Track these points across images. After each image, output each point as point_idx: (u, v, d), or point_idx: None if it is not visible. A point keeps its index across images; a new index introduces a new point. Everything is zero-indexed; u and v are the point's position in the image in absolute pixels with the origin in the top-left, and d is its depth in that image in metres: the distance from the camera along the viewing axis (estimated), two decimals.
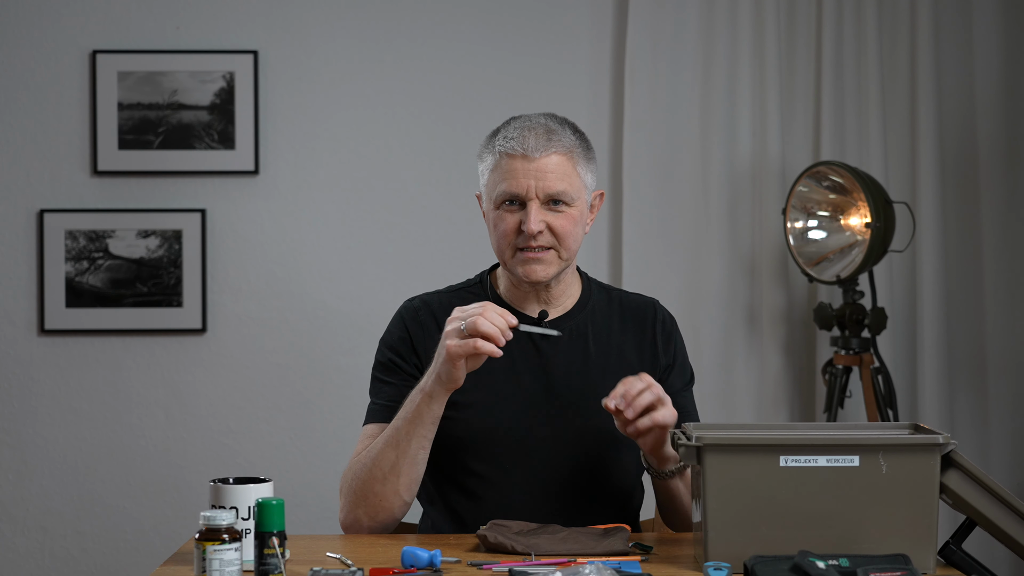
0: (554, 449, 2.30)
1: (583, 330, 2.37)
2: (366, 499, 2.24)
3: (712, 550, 1.93)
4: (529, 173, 2.26)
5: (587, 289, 2.42)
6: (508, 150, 2.27)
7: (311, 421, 3.78)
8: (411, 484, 2.24)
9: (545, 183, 2.26)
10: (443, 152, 3.81)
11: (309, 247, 3.80)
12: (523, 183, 2.26)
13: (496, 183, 2.29)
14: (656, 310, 2.44)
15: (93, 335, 3.76)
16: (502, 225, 2.28)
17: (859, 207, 3.51)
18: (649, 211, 3.75)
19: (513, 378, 2.32)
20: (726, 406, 3.74)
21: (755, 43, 3.75)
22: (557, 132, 2.29)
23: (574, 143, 2.30)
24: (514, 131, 2.29)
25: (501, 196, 2.28)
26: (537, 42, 3.82)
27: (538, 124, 2.29)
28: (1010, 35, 3.80)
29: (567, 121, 2.34)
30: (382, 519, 2.26)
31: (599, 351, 2.36)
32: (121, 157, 3.74)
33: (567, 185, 2.27)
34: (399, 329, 2.38)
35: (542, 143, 2.26)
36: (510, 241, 2.28)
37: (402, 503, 2.25)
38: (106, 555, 3.75)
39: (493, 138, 2.32)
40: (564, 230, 2.28)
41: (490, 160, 2.31)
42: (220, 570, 1.84)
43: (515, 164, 2.26)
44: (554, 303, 2.37)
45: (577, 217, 2.29)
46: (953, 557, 1.96)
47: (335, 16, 3.80)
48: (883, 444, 1.93)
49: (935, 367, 3.69)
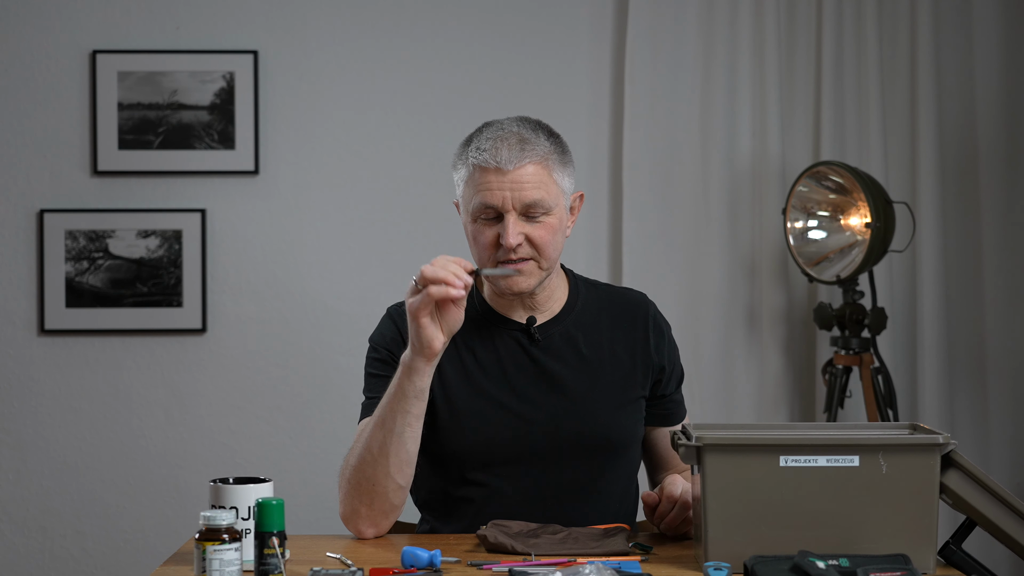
0: (551, 454, 2.29)
1: (573, 333, 2.35)
2: (360, 486, 2.19)
3: (712, 550, 1.93)
4: (504, 185, 2.22)
5: (574, 290, 2.40)
6: (481, 163, 2.23)
7: (311, 421, 3.78)
8: (401, 465, 2.18)
9: (521, 194, 2.22)
10: (443, 152, 3.78)
11: (309, 247, 3.80)
12: (498, 195, 2.22)
13: (471, 195, 2.25)
14: (648, 307, 2.42)
15: (93, 335, 3.76)
16: (481, 238, 2.26)
17: (859, 207, 3.51)
18: (649, 211, 3.75)
19: (508, 386, 2.30)
20: (726, 406, 3.74)
21: (755, 43, 3.75)
22: (530, 141, 2.24)
23: (548, 150, 2.26)
24: (487, 142, 2.25)
25: (477, 209, 2.25)
26: (537, 42, 3.82)
27: (511, 133, 2.25)
28: (1010, 35, 3.80)
29: (540, 125, 2.30)
30: (378, 506, 2.19)
31: (592, 352, 2.34)
32: (121, 157, 3.74)
33: (544, 194, 2.24)
34: (390, 329, 2.36)
35: (515, 154, 2.22)
36: (490, 255, 2.26)
37: (396, 486, 2.18)
38: (106, 555, 3.75)
39: (466, 148, 2.28)
40: (543, 240, 2.24)
41: (463, 172, 2.28)
42: (220, 570, 1.84)
43: (489, 177, 2.23)
44: (540, 308, 2.35)
45: (556, 225, 2.26)
46: (953, 557, 1.96)
47: (335, 16, 3.80)
48: (883, 444, 1.93)
49: (935, 367, 3.69)
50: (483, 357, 2.31)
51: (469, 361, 2.31)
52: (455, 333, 2.17)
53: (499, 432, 2.28)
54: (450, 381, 2.30)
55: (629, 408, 2.35)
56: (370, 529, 2.22)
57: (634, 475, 2.41)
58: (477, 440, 2.28)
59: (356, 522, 2.22)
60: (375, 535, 2.23)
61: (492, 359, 2.31)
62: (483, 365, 2.31)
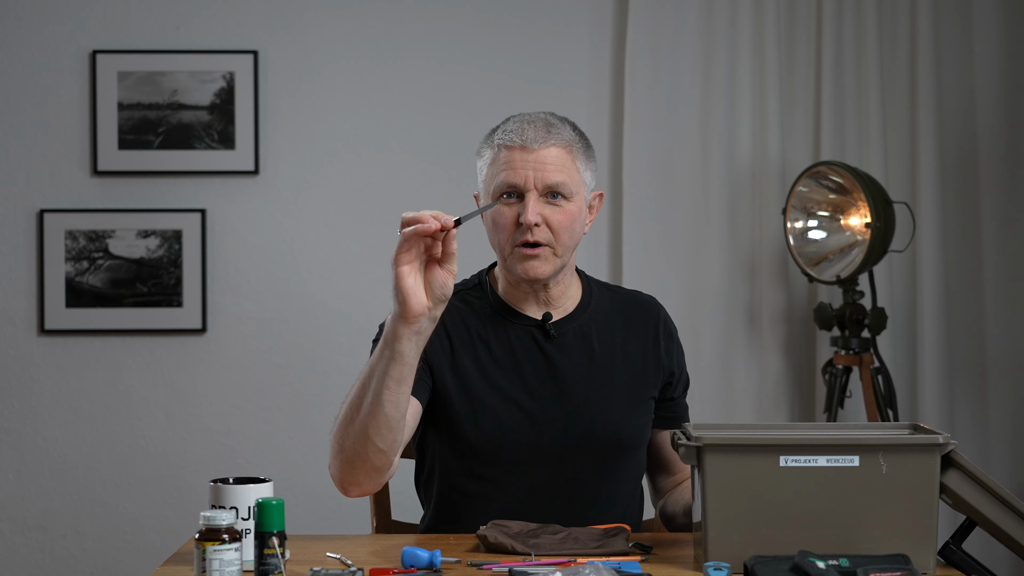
0: (561, 452, 2.30)
1: (587, 331, 2.36)
2: (342, 445, 2.11)
3: (712, 550, 1.93)
4: (528, 164, 2.25)
5: (588, 289, 2.41)
6: (507, 142, 2.27)
7: (311, 421, 3.78)
8: (380, 428, 2.06)
9: (544, 173, 2.25)
10: (443, 152, 3.81)
11: (309, 247, 3.80)
12: (521, 173, 2.25)
13: (494, 175, 2.28)
14: (659, 310, 2.44)
15: (93, 335, 3.77)
16: (501, 219, 2.27)
17: (859, 207, 3.51)
18: (649, 211, 3.75)
19: (520, 382, 2.31)
20: (726, 406, 3.74)
21: (755, 43, 3.75)
22: (556, 126, 2.29)
23: (573, 138, 2.30)
24: (513, 124, 2.30)
25: (499, 187, 2.27)
26: (537, 42, 3.82)
27: (537, 118, 2.30)
28: (1010, 35, 3.81)
29: (567, 120, 2.35)
30: (359, 466, 2.10)
31: (604, 351, 2.35)
32: (121, 157, 3.74)
33: (566, 177, 2.26)
34: None
35: (541, 135, 2.26)
36: (509, 235, 2.26)
37: (376, 449, 2.08)
38: (106, 555, 3.75)
39: (492, 134, 2.33)
40: (561, 225, 2.26)
41: (488, 154, 2.31)
42: (220, 570, 1.84)
43: (514, 155, 2.26)
44: (555, 304, 2.35)
45: (575, 213, 2.28)
46: (953, 557, 1.96)
47: (335, 16, 3.80)
48: (883, 444, 1.93)
49: (935, 367, 3.69)
50: (497, 351, 2.32)
51: (484, 355, 2.31)
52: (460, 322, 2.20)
53: (510, 428, 2.28)
54: (467, 373, 2.30)
55: (640, 409, 2.35)
56: (354, 488, 2.14)
57: (641, 478, 2.41)
58: (489, 435, 2.28)
59: (340, 479, 2.14)
60: (360, 494, 2.16)
61: (506, 353, 2.31)
62: (497, 359, 2.31)
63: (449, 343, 2.31)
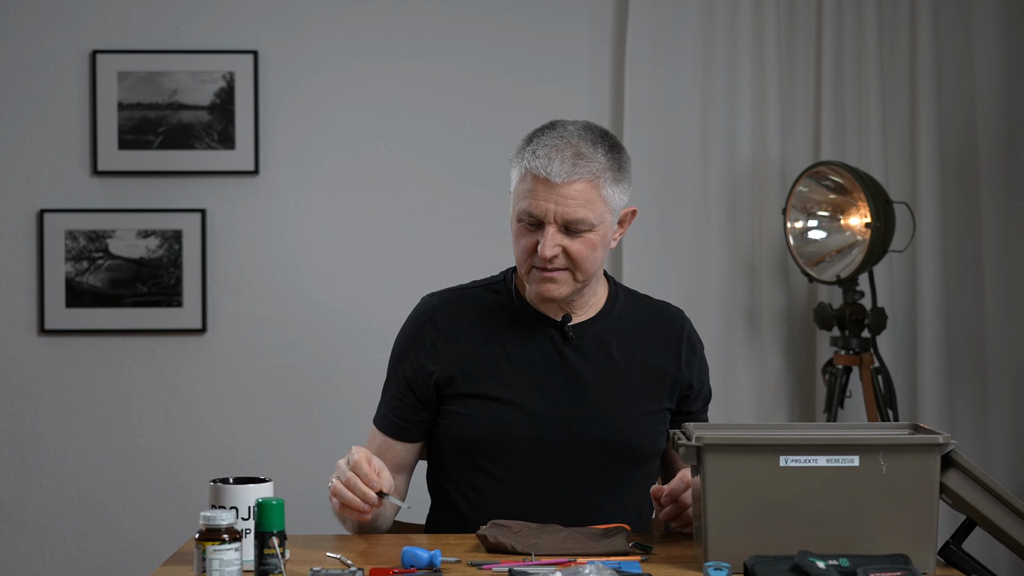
0: (569, 455, 2.30)
1: (607, 337, 2.35)
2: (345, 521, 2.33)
3: (712, 550, 1.93)
4: (550, 198, 2.22)
5: (613, 295, 2.40)
6: (533, 169, 2.23)
7: (311, 421, 3.78)
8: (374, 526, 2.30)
9: (564, 209, 2.22)
10: (443, 152, 3.81)
11: (309, 247, 3.80)
12: (543, 206, 2.22)
13: (519, 197, 2.26)
14: (684, 323, 2.42)
15: (93, 335, 3.76)
16: (521, 240, 2.27)
17: (859, 207, 3.51)
18: (649, 211, 3.75)
19: (534, 380, 2.31)
20: (726, 406, 3.74)
21: (755, 43, 3.75)
22: (586, 156, 2.23)
23: (603, 167, 2.24)
24: (543, 148, 2.23)
25: (521, 213, 2.26)
26: (537, 42, 3.82)
27: (568, 145, 2.23)
28: (1010, 35, 3.80)
29: (604, 137, 2.28)
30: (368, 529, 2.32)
31: (623, 358, 2.34)
32: (121, 157, 3.74)
33: (588, 213, 2.22)
34: (412, 333, 2.37)
35: (567, 168, 2.21)
36: (528, 256, 2.27)
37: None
38: (106, 555, 3.75)
39: (526, 146, 2.27)
40: (580, 255, 2.25)
41: (518, 171, 2.27)
42: (220, 570, 1.84)
43: (538, 186, 2.22)
44: (577, 309, 2.35)
45: (597, 241, 2.25)
46: (953, 557, 1.96)
47: (335, 16, 3.80)
48: (883, 444, 1.93)
49: (935, 367, 3.69)
50: (513, 350, 2.32)
51: (498, 352, 2.32)
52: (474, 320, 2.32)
53: (517, 424, 2.29)
54: (477, 369, 2.31)
55: (653, 419, 2.35)
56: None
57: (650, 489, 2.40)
58: (495, 427, 2.29)
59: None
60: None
61: (522, 353, 2.32)
62: (512, 358, 2.31)
63: (458, 341, 2.33)
